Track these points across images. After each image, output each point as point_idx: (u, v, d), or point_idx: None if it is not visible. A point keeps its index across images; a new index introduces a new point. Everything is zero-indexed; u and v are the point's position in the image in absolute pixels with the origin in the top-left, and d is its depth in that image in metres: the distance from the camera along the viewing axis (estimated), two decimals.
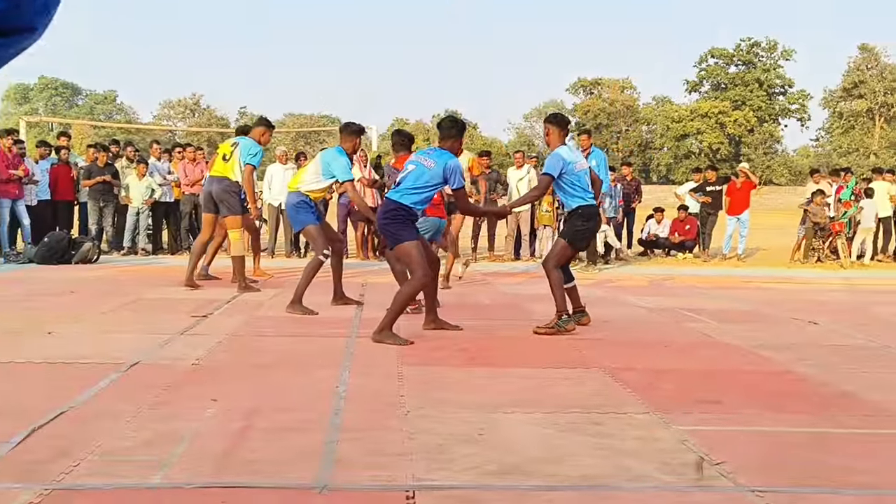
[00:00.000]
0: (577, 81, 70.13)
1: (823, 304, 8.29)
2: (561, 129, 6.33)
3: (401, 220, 5.63)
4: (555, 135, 6.27)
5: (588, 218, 6.22)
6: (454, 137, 5.90)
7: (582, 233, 6.24)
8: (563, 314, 5.94)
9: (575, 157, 6.25)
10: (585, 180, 6.21)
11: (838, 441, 3.44)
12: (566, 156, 6.16)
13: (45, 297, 7.54)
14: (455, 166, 5.68)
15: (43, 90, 73.18)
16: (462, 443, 3.27)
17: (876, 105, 60.96)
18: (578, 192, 6.13)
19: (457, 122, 6.03)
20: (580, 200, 6.13)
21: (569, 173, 6.10)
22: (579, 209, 6.15)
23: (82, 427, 3.38)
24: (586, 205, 6.16)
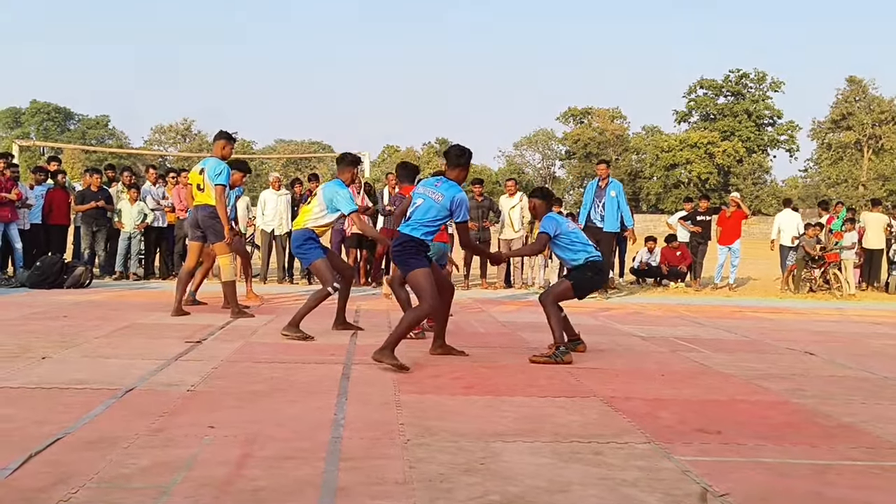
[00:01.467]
0: (568, 110, 70.78)
1: (818, 334, 8.31)
2: (546, 202, 6.47)
3: (412, 251, 5.76)
4: (541, 208, 6.42)
5: (598, 272, 6.34)
6: (462, 166, 5.98)
7: (589, 283, 6.32)
8: (560, 345, 5.97)
9: (566, 222, 6.44)
10: (584, 237, 6.37)
11: (841, 473, 3.43)
12: (559, 220, 6.34)
13: (39, 322, 7.48)
14: (461, 200, 5.78)
15: (35, 114, 73.24)
16: (463, 472, 3.25)
17: (864, 137, 61.65)
18: (580, 247, 6.26)
19: (465, 151, 6.05)
20: (585, 254, 6.24)
21: (564, 234, 6.24)
22: (589, 262, 6.24)
23: (80, 454, 3.34)
24: (595, 259, 6.28)
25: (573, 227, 6.42)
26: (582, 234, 6.40)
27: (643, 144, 67.59)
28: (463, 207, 5.79)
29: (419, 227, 5.80)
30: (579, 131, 68.06)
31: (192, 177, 8.22)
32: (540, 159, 74.56)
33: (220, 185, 7.76)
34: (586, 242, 6.34)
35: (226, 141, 8.09)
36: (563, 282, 6.37)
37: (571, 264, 6.35)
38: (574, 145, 67.82)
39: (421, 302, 5.74)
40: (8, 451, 3.33)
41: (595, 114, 69.59)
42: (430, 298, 5.64)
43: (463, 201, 5.79)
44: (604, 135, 66.84)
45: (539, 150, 74.01)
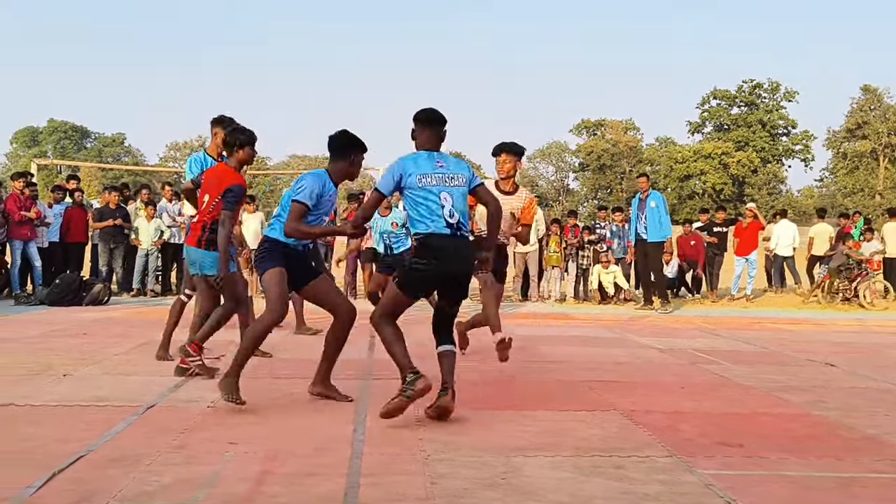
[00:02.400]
0: (581, 122, 70.72)
1: (838, 345, 8.24)
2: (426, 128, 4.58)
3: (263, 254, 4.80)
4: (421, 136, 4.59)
5: (424, 254, 4.37)
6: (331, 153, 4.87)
7: (414, 275, 4.45)
8: (407, 373, 4.32)
9: (429, 168, 4.42)
10: (437, 200, 4.37)
11: (866, 486, 3.40)
12: (407, 164, 4.46)
13: (59, 339, 7.53)
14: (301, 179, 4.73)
15: (52, 133, 73.93)
16: (485, 487, 3.24)
17: (880, 146, 61.26)
18: (423, 212, 4.38)
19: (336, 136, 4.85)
20: (422, 226, 4.39)
21: (411, 188, 4.41)
22: (415, 240, 4.50)
23: (102, 471, 3.35)
24: (426, 234, 4.37)
25: (431, 185, 4.38)
26: (438, 193, 4.37)
27: (657, 156, 67.41)
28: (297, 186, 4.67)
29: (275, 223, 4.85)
30: (593, 143, 68.00)
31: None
32: (553, 172, 74.55)
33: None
34: (436, 205, 4.35)
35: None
36: (390, 286, 4.67)
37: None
38: (587, 157, 67.75)
39: (265, 309, 4.74)
40: (31, 469, 3.34)
41: (608, 125, 69.54)
42: (274, 304, 4.67)
43: (302, 181, 4.69)
44: (617, 146, 66.75)
45: (552, 162, 74.00)
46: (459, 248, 4.42)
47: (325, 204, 4.79)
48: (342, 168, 4.81)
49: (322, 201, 4.74)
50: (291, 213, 4.63)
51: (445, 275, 4.45)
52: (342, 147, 4.81)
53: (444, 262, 4.38)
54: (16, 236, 11.79)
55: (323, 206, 4.77)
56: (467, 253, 4.51)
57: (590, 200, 67.12)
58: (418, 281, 4.46)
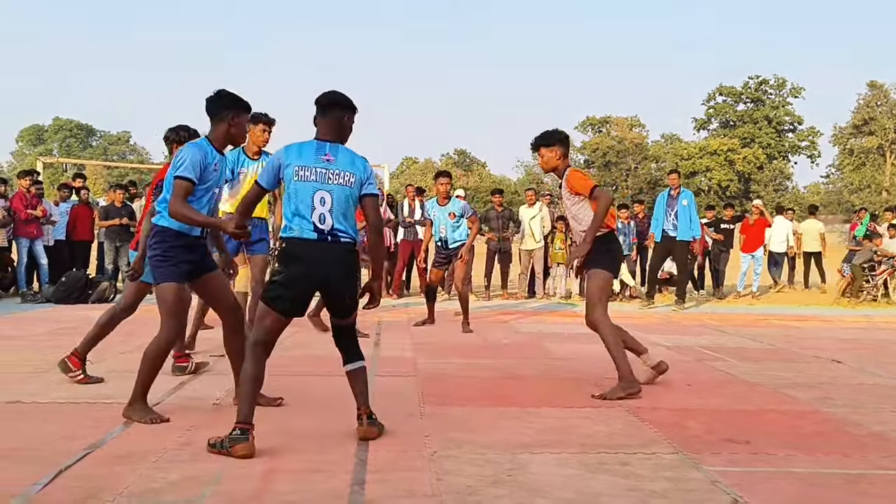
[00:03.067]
0: (586, 119, 70.55)
1: (845, 341, 8.21)
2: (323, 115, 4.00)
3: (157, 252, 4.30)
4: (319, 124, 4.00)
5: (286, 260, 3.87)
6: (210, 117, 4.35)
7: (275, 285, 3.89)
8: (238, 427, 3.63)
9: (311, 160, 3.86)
10: (309, 201, 3.81)
11: (874, 482, 3.39)
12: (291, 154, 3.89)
13: (66, 337, 7.52)
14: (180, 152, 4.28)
15: (57, 131, 74.08)
16: (491, 484, 3.23)
17: (886, 142, 61.00)
18: (291, 216, 3.85)
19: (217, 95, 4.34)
20: (287, 230, 3.88)
21: (287, 181, 3.86)
22: (283, 243, 3.94)
23: (109, 468, 3.36)
24: (289, 237, 3.86)
25: (314, 177, 3.83)
26: (313, 191, 3.80)
27: (662, 152, 67.22)
28: (177, 160, 4.22)
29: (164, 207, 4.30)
30: (598, 140, 67.86)
31: None
32: None
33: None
34: (306, 207, 3.81)
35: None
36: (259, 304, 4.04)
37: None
38: (593, 154, 67.62)
39: (161, 327, 4.34)
40: (39, 466, 3.36)
41: (614, 122, 69.37)
42: (170, 320, 4.29)
43: (181, 154, 4.23)
44: (623, 143, 66.62)
45: None
46: (325, 255, 3.82)
47: (211, 175, 4.27)
48: (222, 131, 4.29)
49: (207, 173, 4.23)
50: (175, 190, 4.10)
51: (306, 286, 3.87)
52: (219, 108, 4.29)
53: (303, 271, 3.80)
54: (22, 234, 11.81)
55: (209, 177, 4.26)
56: (337, 262, 3.86)
57: None
58: (278, 295, 3.83)
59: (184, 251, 4.27)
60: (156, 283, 4.30)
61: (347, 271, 3.95)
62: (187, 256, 4.28)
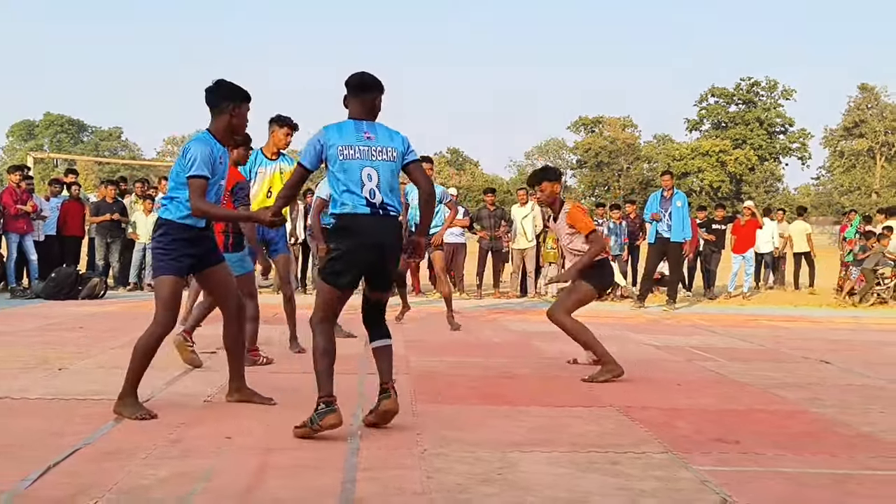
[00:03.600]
0: (579, 119, 70.68)
1: (834, 342, 8.25)
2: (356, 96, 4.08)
3: (161, 245, 4.30)
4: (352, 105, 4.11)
5: (343, 234, 3.96)
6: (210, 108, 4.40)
7: (332, 262, 4.00)
8: (320, 402, 3.87)
9: (353, 139, 3.95)
10: (358, 177, 3.91)
11: (861, 482, 3.41)
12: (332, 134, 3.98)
13: (55, 333, 7.52)
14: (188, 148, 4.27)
15: (48, 126, 73.77)
16: (481, 482, 3.24)
17: (877, 144, 61.33)
18: (342, 193, 3.92)
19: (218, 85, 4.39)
20: (339, 206, 3.95)
21: (331, 160, 3.95)
22: (334, 219, 4.05)
23: (98, 464, 3.35)
24: (344, 213, 3.94)
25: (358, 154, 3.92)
26: (360, 168, 3.90)
27: (654, 153, 67.40)
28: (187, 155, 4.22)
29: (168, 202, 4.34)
30: (590, 140, 67.97)
31: None
32: None
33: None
34: (356, 183, 3.89)
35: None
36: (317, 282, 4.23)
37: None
38: (585, 154, 67.75)
39: (153, 319, 4.29)
40: (27, 462, 3.34)
41: (606, 123, 69.50)
42: (161, 313, 4.24)
43: (190, 149, 4.24)
44: (615, 143, 66.75)
45: (550, 159, 73.96)
46: (379, 228, 3.93)
47: (219, 169, 4.30)
48: (224, 122, 4.32)
49: (216, 166, 4.26)
50: (192, 190, 4.12)
51: (364, 258, 3.96)
52: (219, 99, 4.32)
53: (360, 244, 3.92)
54: (12, 229, 11.77)
55: (217, 170, 4.28)
56: (390, 234, 4.01)
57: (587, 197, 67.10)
58: (338, 270, 3.95)
59: (187, 244, 4.26)
60: (154, 276, 4.29)
61: (398, 243, 4.14)
62: (189, 250, 4.27)
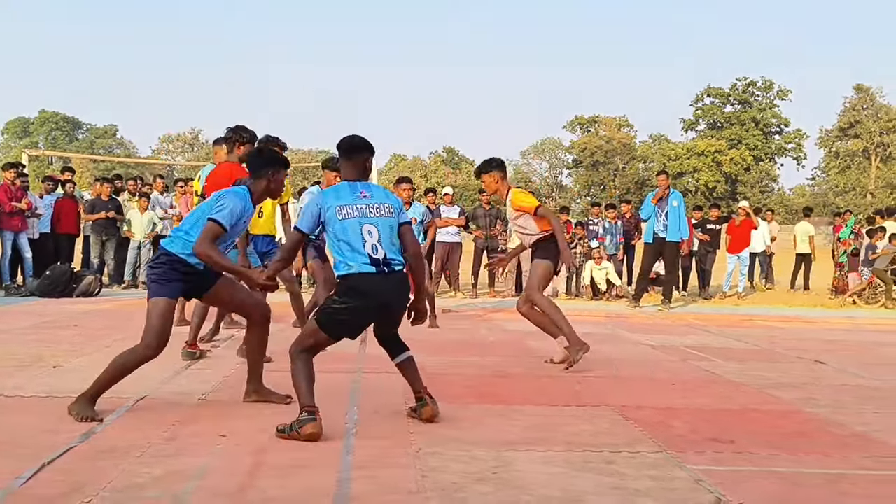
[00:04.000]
0: (575, 119, 70.70)
1: (829, 342, 8.27)
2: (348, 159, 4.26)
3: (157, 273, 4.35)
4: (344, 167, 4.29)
5: (350, 294, 4.03)
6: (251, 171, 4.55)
7: (339, 315, 4.05)
8: (303, 410, 3.87)
9: (349, 198, 4.10)
10: (359, 236, 4.02)
11: (855, 482, 3.42)
12: (328, 197, 4.15)
13: (49, 331, 7.51)
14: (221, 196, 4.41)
15: (43, 124, 73.59)
16: (476, 481, 3.24)
17: (872, 145, 61.50)
18: (345, 253, 4.03)
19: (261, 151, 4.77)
20: (342, 267, 4.04)
21: (331, 221, 4.07)
22: (342, 279, 4.08)
23: (92, 462, 3.35)
24: (349, 274, 4.02)
25: (355, 217, 4.05)
26: (360, 226, 4.03)
27: (650, 153, 67.46)
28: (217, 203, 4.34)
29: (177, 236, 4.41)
30: (586, 140, 68.00)
31: (194, 185, 8.24)
32: (547, 168, 74.56)
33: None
34: (358, 242, 4.01)
35: (220, 146, 8.02)
36: (309, 322, 4.33)
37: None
38: (581, 154, 67.79)
39: (141, 339, 4.26)
40: (21, 459, 3.34)
41: (602, 122, 69.53)
42: (148, 338, 4.21)
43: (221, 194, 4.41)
44: (611, 143, 66.79)
45: (546, 158, 74.02)
46: (385, 288, 4.03)
47: (241, 226, 4.45)
48: (262, 186, 4.44)
49: (239, 224, 4.39)
50: (206, 231, 4.21)
51: (370, 317, 4.13)
52: (259, 165, 4.49)
53: (367, 306, 4.04)
54: (6, 227, 11.73)
55: (238, 228, 4.41)
56: (396, 292, 4.11)
57: (583, 197, 67.18)
58: (340, 324, 4.07)
59: (182, 275, 4.33)
60: (149, 298, 4.32)
61: (403, 297, 4.20)
62: (184, 278, 4.35)
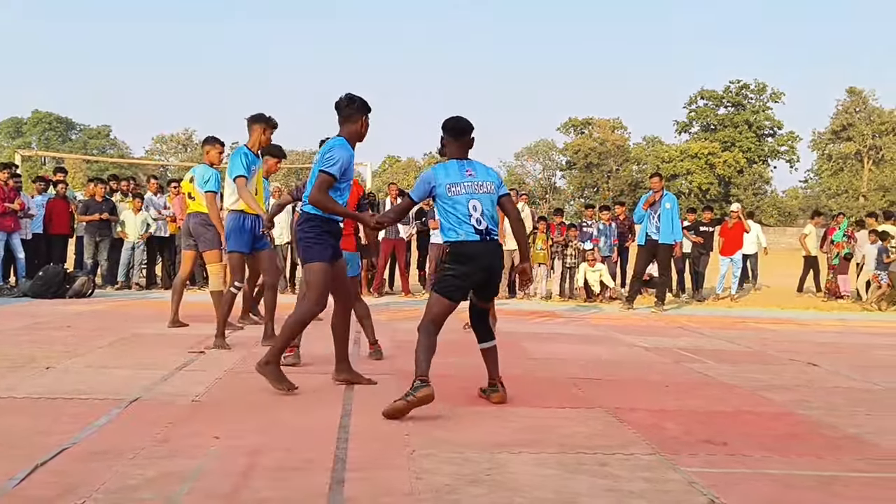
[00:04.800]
0: (569, 121, 70.75)
1: (821, 345, 8.30)
2: (455, 140, 4.82)
3: (311, 235, 4.92)
4: (451, 147, 4.84)
5: (459, 260, 4.65)
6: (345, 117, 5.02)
7: (449, 280, 4.66)
8: (418, 380, 4.40)
9: (458, 177, 4.70)
10: (465, 209, 4.63)
11: (847, 484, 3.43)
12: (438, 172, 4.74)
13: (42, 332, 7.48)
14: (330, 147, 4.87)
15: (36, 124, 73.34)
16: (470, 483, 3.24)
17: (864, 148, 61.70)
18: (453, 220, 4.66)
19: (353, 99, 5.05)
20: (454, 234, 4.67)
21: (441, 197, 4.70)
22: (449, 247, 4.73)
23: (85, 464, 3.34)
24: (459, 241, 4.66)
25: (462, 193, 4.65)
26: (463, 207, 4.63)
27: (644, 155, 67.57)
28: (327, 156, 4.83)
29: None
30: (580, 142, 68.06)
31: (183, 185, 8.22)
32: (541, 169, 74.56)
33: (210, 192, 7.71)
34: (465, 215, 4.62)
35: (210, 145, 8.03)
36: (431, 294, 4.85)
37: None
38: (575, 156, 67.82)
39: (307, 298, 4.97)
40: (14, 461, 3.32)
41: (596, 124, 69.60)
42: (316, 295, 4.88)
43: (332, 149, 4.84)
44: (605, 145, 66.86)
45: (540, 160, 74.01)
46: (487, 252, 4.68)
47: (350, 173, 4.99)
48: (355, 131, 5.03)
49: (348, 170, 4.93)
50: (319, 182, 4.76)
51: (476, 279, 4.71)
52: (354, 110, 5.01)
53: (475, 268, 4.66)
54: None
55: (348, 175, 4.96)
56: (496, 257, 4.77)
57: (576, 199, 67.26)
58: (455, 288, 4.68)
59: (331, 236, 4.99)
60: (304, 263, 4.97)
61: (501, 263, 5.00)
62: (332, 241, 5.01)
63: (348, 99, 5.02)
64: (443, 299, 4.66)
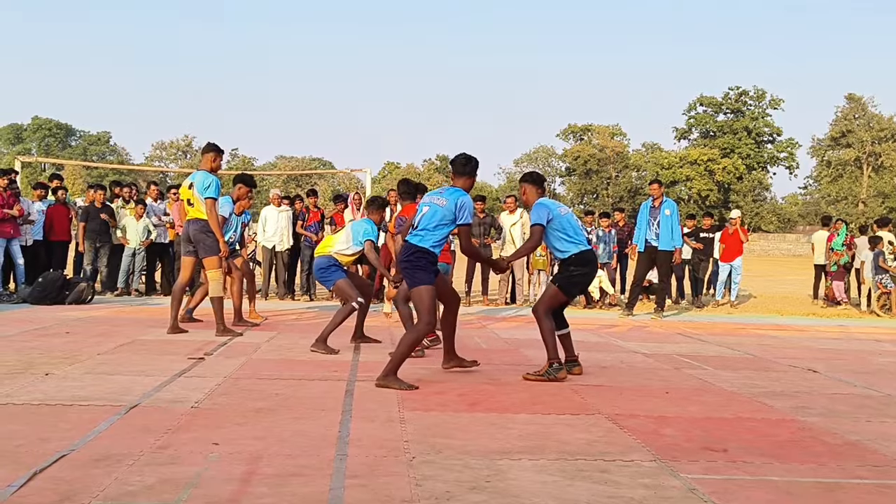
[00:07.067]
0: (568, 127, 70.95)
1: (821, 351, 8.29)
2: (536, 187, 6.28)
3: (420, 263, 5.71)
4: (531, 192, 6.25)
5: (583, 264, 6.08)
6: (468, 175, 5.94)
7: (576, 279, 6.10)
8: (553, 362, 5.85)
9: (557, 206, 6.22)
10: (574, 224, 6.12)
11: (848, 491, 3.42)
12: (550, 204, 6.16)
13: (42, 338, 7.47)
14: (465, 203, 5.72)
15: (36, 130, 73.45)
16: (469, 490, 3.23)
17: (863, 154, 61.81)
18: (571, 237, 6.04)
19: (471, 159, 6.00)
20: (573, 247, 6.03)
21: (556, 218, 6.04)
22: (573, 256, 6.04)
23: (85, 471, 3.33)
24: (580, 251, 6.04)
25: (567, 212, 6.17)
26: (576, 222, 6.17)
27: (643, 161, 67.69)
28: (466, 210, 5.71)
29: (427, 235, 5.74)
30: (579, 148, 68.20)
31: (182, 192, 8.22)
32: None
33: (210, 199, 7.72)
34: (578, 232, 6.10)
35: (214, 153, 8.03)
36: (549, 287, 6.21)
37: (559, 257, 6.17)
38: (574, 162, 67.98)
39: (419, 320, 5.73)
40: (13, 467, 3.32)
41: (595, 131, 69.77)
42: (428, 316, 5.60)
43: (466, 204, 5.73)
44: (604, 152, 67.00)
45: (539, 166, 74.16)
46: (595, 258, 6.28)
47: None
48: (471, 183, 6.00)
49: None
50: (465, 233, 5.79)
51: (590, 280, 6.29)
52: (472, 169, 5.98)
53: (592, 271, 6.16)
54: None
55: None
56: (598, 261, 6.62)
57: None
58: (575, 286, 6.17)
59: (432, 264, 5.78)
60: (412, 287, 5.71)
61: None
62: (434, 267, 5.81)
63: (465, 158, 5.95)
64: (562, 294, 6.07)
